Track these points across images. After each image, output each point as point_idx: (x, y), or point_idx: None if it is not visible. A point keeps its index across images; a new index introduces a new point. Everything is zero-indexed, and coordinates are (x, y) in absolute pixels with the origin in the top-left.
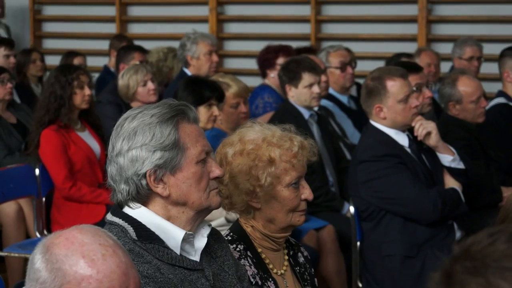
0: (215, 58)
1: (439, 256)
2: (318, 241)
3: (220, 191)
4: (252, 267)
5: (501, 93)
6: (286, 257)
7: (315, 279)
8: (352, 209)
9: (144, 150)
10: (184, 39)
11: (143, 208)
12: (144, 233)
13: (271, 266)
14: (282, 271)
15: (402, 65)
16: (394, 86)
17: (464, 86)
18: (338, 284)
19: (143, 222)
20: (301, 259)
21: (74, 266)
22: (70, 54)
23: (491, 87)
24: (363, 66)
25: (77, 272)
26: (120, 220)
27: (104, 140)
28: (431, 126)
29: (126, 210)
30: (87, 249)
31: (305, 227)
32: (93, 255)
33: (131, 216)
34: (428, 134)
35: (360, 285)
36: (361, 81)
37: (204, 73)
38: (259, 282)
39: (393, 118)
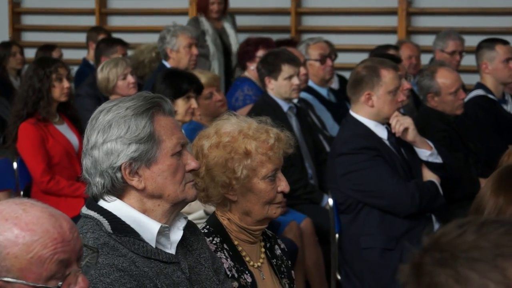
0: (194, 51)
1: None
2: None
3: (196, 183)
4: (229, 259)
5: (479, 85)
6: (263, 250)
7: (292, 272)
8: (331, 201)
9: (119, 143)
10: (164, 32)
11: (118, 201)
12: (119, 226)
13: (247, 258)
14: (259, 264)
15: (381, 57)
16: (387, 76)
17: (443, 78)
18: (316, 276)
19: (118, 215)
20: (278, 252)
21: (3, 232)
22: (45, 48)
23: (471, 79)
24: (343, 59)
25: (8, 235)
26: (95, 213)
27: (82, 133)
28: (407, 121)
29: (101, 203)
30: (7, 212)
31: (284, 220)
32: (14, 214)
33: (106, 209)
34: (406, 130)
35: (339, 277)
36: (341, 73)
37: (184, 66)
38: (236, 275)
39: (381, 108)
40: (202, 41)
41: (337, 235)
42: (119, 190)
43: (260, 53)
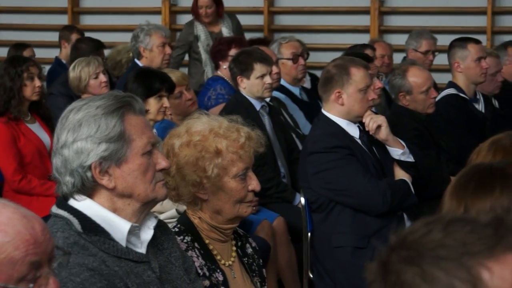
0: (168, 50)
1: None
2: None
3: (167, 182)
4: (200, 258)
5: (451, 84)
6: (234, 248)
7: (263, 270)
8: (303, 200)
9: (89, 142)
10: (137, 31)
11: (88, 200)
12: (90, 226)
13: (218, 257)
14: (230, 262)
15: (353, 56)
16: (357, 74)
17: (414, 77)
18: (289, 275)
19: (89, 215)
20: (249, 250)
21: None
22: (17, 46)
23: (443, 78)
24: (316, 58)
25: None
26: (65, 212)
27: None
28: (381, 119)
29: (71, 202)
30: None
31: (256, 218)
32: None
33: (76, 209)
34: (379, 127)
35: (311, 276)
36: (314, 72)
37: (157, 65)
38: (207, 274)
39: (351, 106)
40: (195, 47)
41: (309, 234)
42: (89, 189)
43: (233, 52)
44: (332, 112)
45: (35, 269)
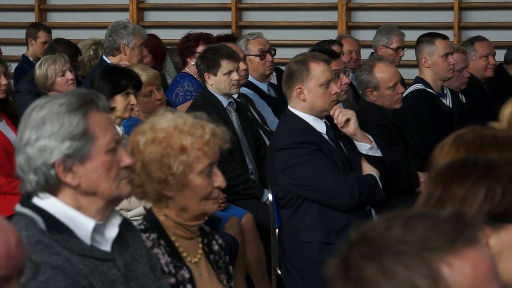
0: (145, 52)
1: None
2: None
3: (132, 180)
4: (165, 255)
5: (418, 79)
6: (200, 245)
7: (230, 267)
8: (270, 196)
9: (52, 139)
10: (119, 26)
11: (52, 198)
12: (54, 224)
13: (185, 254)
14: (196, 259)
15: (320, 52)
16: (317, 69)
17: (381, 73)
18: (258, 272)
19: (53, 213)
20: (216, 247)
21: None
22: None
23: (410, 74)
24: (284, 54)
25: None
26: (29, 211)
27: None
28: (350, 113)
29: (35, 200)
30: None
31: (224, 215)
32: None
33: (40, 207)
34: (347, 121)
35: (279, 272)
36: (282, 68)
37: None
38: (173, 271)
39: (313, 101)
40: None
41: (277, 230)
42: (53, 187)
43: (200, 48)
44: (297, 108)
45: (3, 283)
